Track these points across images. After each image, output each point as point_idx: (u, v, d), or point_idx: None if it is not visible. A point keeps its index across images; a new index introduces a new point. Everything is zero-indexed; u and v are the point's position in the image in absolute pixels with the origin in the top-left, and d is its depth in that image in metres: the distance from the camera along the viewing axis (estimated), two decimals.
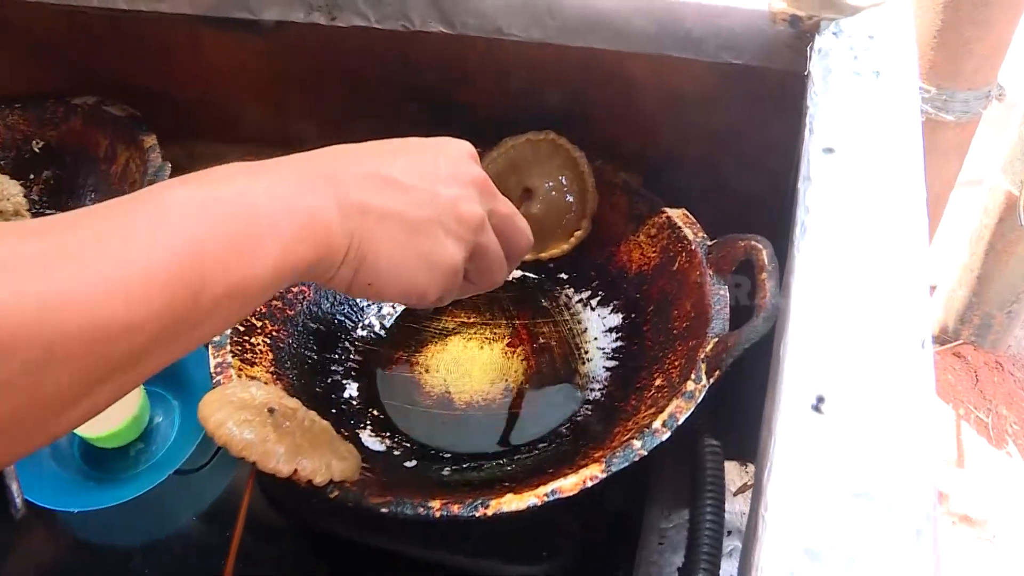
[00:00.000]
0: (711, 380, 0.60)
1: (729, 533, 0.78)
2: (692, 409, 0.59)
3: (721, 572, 0.67)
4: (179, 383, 0.79)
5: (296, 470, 0.54)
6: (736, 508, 0.82)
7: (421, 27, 0.75)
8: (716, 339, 0.63)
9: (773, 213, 0.74)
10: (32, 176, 1.01)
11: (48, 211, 0.99)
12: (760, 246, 0.65)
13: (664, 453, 0.75)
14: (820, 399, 0.38)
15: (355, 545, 0.69)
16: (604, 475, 0.55)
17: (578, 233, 0.80)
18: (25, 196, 0.99)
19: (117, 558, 0.72)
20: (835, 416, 0.38)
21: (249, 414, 0.56)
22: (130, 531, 0.73)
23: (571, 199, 0.80)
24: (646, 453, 0.56)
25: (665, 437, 0.57)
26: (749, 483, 0.85)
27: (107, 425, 0.74)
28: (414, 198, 0.47)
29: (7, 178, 0.99)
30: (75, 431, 0.74)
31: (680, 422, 0.58)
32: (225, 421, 0.55)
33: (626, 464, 0.56)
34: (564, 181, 0.80)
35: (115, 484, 0.73)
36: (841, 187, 0.53)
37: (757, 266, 0.64)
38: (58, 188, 1.00)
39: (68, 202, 0.99)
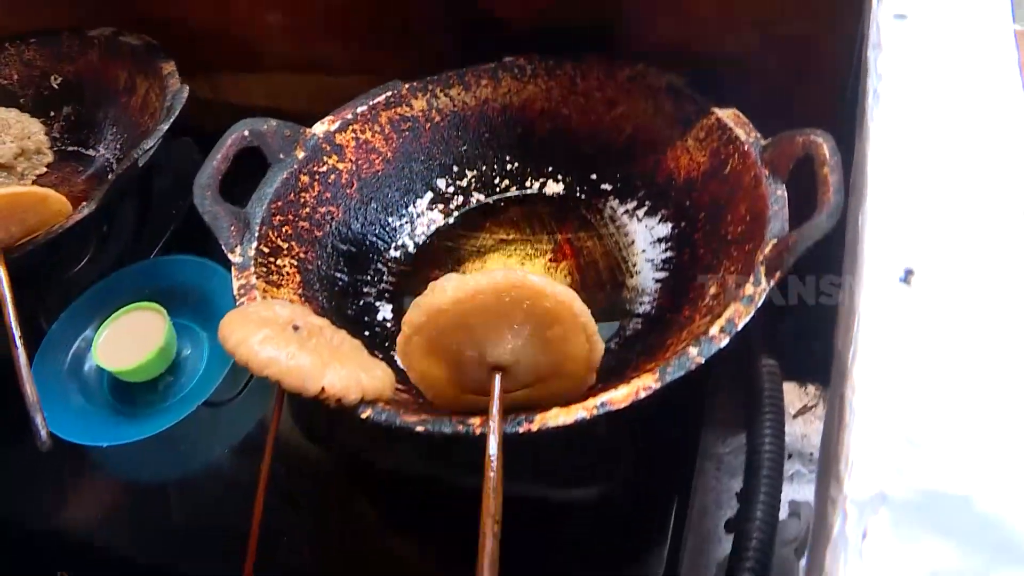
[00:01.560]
0: (772, 282, 0.55)
1: (790, 456, 0.74)
2: (752, 313, 0.53)
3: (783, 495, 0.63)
4: (208, 315, 0.76)
5: (323, 388, 0.50)
6: (796, 430, 0.77)
7: None
8: (775, 240, 0.57)
9: (829, 109, 0.68)
10: (52, 113, 0.97)
11: (70, 148, 0.96)
12: (820, 140, 0.59)
13: (719, 375, 0.71)
14: (909, 272, 0.33)
15: (394, 476, 0.66)
16: (658, 385, 0.50)
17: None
18: (46, 134, 0.96)
19: (148, 493, 0.69)
20: (926, 289, 0.32)
21: (272, 331, 0.52)
22: (161, 466, 0.70)
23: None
24: (703, 361, 0.51)
25: (724, 344, 0.52)
26: (810, 404, 0.80)
27: (134, 357, 0.71)
28: None
29: (28, 116, 0.96)
30: (102, 364, 0.71)
31: (739, 327, 0.53)
32: (246, 338, 0.51)
33: (682, 373, 0.51)
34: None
35: (144, 418, 0.70)
36: (914, 54, 0.47)
37: (818, 161, 0.58)
38: (78, 123, 0.96)
39: (89, 138, 0.95)
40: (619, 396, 0.50)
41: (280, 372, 0.50)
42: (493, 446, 0.48)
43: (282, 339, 0.51)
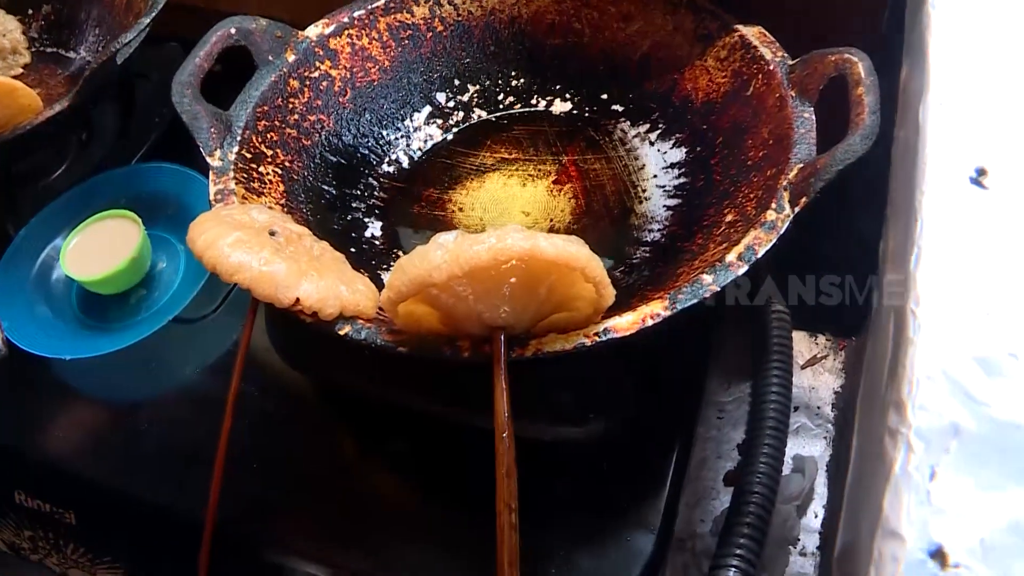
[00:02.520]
0: (796, 208, 0.50)
1: (796, 409, 0.69)
2: (774, 241, 0.49)
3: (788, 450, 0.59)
4: (186, 227, 0.70)
5: (298, 298, 0.46)
6: (804, 382, 0.73)
7: None
8: (801, 165, 0.52)
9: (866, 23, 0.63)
10: (31, 11, 0.91)
11: (48, 49, 0.90)
12: (855, 59, 0.54)
13: (727, 318, 0.67)
14: (981, 171, 0.28)
15: (373, 404, 0.61)
16: (667, 313, 0.46)
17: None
18: (24, 33, 0.90)
19: (113, 411, 0.65)
20: (1001, 190, 0.27)
21: (245, 234, 0.47)
22: (128, 383, 0.65)
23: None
24: (719, 289, 0.47)
25: (741, 271, 0.47)
26: (820, 355, 0.76)
27: (104, 267, 0.66)
28: None
29: (3, 12, 0.89)
30: (70, 274, 0.66)
31: (760, 255, 0.48)
32: (216, 240, 0.46)
33: (694, 301, 0.46)
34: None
35: (112, 332, 0.65)
36: None
37: (852, 81, 0.54)
38: (58, 23, 0.90)
39: (70, 38, 0.89)
40: (623, 323, 0.45)
41: (251, 278, 0.45)
42: (503, 414, 0.42)
43: (256, 243, 0.47)
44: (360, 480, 0.59)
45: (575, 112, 0.73)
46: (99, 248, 0.68)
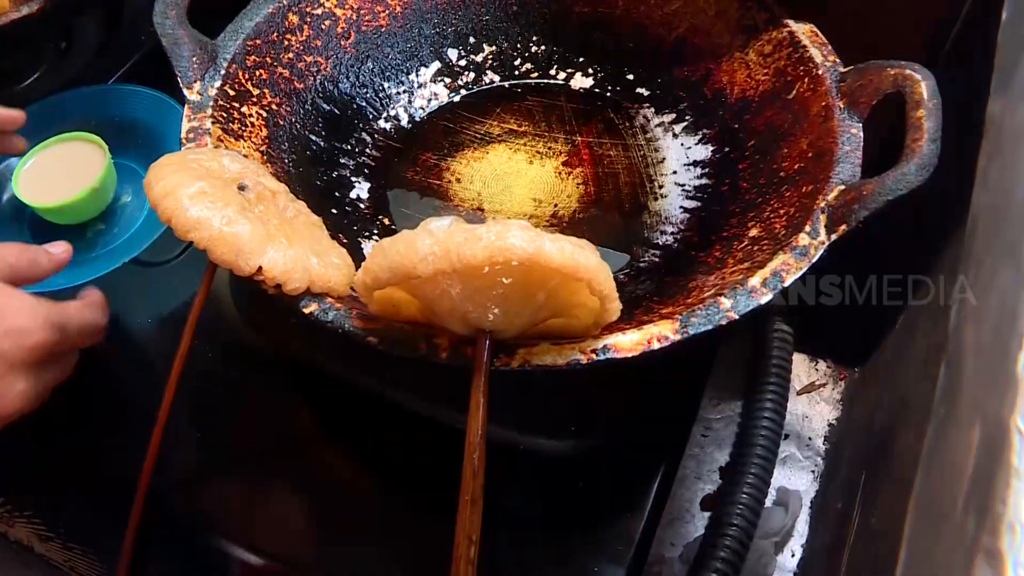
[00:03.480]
0: (834, 236, 0.44)
1: (786, 437, 0.65)
2: (804, 270, 0.43)
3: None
4: (156, 155, 0.64)
5: (261, 267, 0.40)
6: (798, 409, 0.68)
7: None
8: (842, 187, 0.46)
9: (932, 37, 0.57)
10: None
11: None
12: (918, 76, 0.49)
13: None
14: None
15: (340, 383, 0.56)
16: (677, 337, 0.40)
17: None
18: None
19: None
20: None
21: (210, 185, 0.41)
22: None
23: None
24: (737, 317, 0.41)
25: (764, 300, 0.42)
26: (818, 382, 0.71)
27: (61, 194, 0.60)
28: None
29: None
30: (22, 198, 0.60)
31: (787, 284, 0.43)
32: (175, 189, 0.40)
33: (708, 328, 0.41)
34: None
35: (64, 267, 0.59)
36: None
37: (911, 101, 0.48)
38: None
39: None
40: (626, 342, 0.40)
41: (209, 238, 0.39)
42: (476, 432, 0.37)
43: (221, 197, 0.41)
44: (313, 463, 0.54)
45: (596, 90, 0.67)
46: (58, 173, 0.62)
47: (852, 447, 0.62)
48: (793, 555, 0.59)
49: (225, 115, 0.53)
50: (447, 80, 0.67)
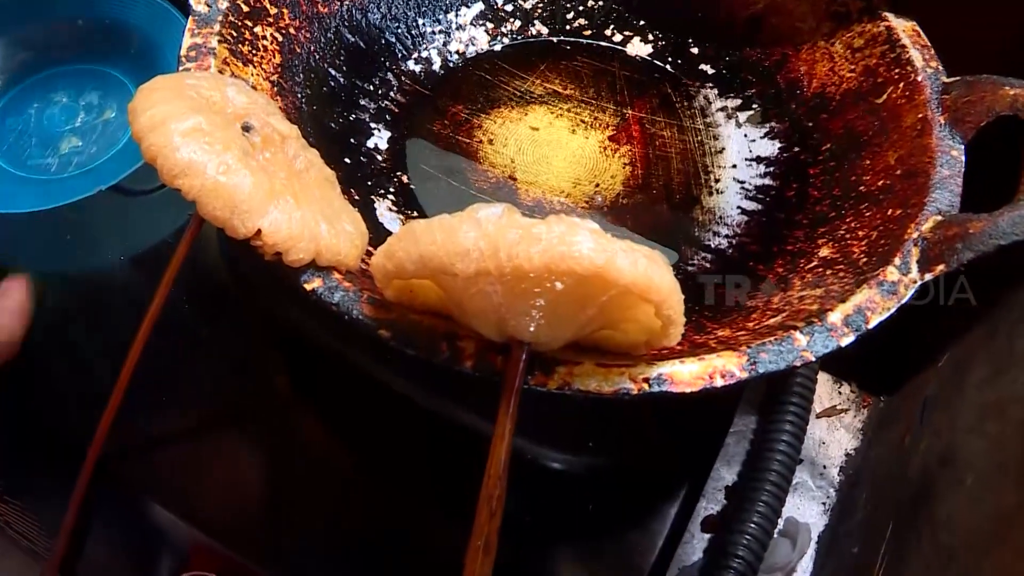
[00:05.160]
0: (928, 275, 0.38)
1: (802, 461, 0.61)
2: (892, 312, 0.37)
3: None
4: (148, 69, 0.57)
5: (260, 231, 0.33)
6: (816, 433, 0.63)
7: None
8: (939, 218, 0.40)
9: None
10: None
11: None
12: None
13: None
14: None
15: (338, 363, 0.49)
16: (744, 376, 0.34)
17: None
18: None
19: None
20: None
21: (208, 121, 0.34)
22: (32, 254, 0.52)
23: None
24: (814, 359, 0.35)
25: (845, 343, 0.36)
26: (840, 407, 0.66)
27: None
28: None
29: None
30: None
31: (871, 326, 0.36)
32: (165, 120, 0.33)
33: (781, 367, 0.34)
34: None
35: (29, 186, 0.52)
36: None
37: None
38: None
39: None
40: (684, 375, 0.33)
41: (201, 188, 0.32)
42: (500, 462, 0.30)
43: (220, 138, 0.33)
44: (290, 438, 0.48)
45: (655, 60, 0.60)
46: None
47: (873, 486, 0.57)
48: None
49: (235, 34, 0.45)
50: (489, 25, 0.60)
